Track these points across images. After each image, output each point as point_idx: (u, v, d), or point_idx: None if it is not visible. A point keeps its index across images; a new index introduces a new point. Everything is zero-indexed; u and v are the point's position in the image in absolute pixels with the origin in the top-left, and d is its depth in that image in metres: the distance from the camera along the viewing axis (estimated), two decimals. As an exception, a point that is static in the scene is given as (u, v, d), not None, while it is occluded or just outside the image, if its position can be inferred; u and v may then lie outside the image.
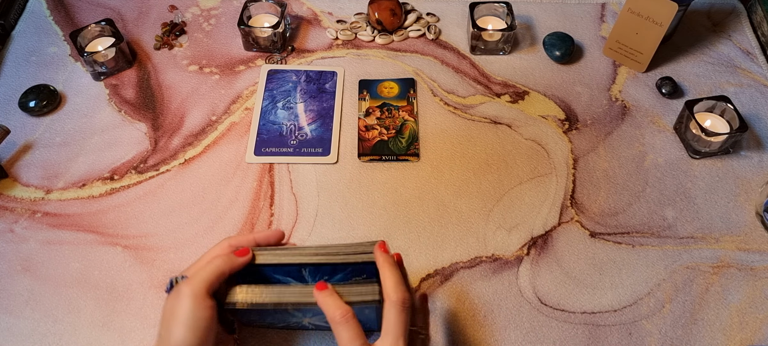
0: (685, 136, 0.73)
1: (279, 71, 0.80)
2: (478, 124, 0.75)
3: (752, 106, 0.77)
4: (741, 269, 0.64)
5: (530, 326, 0.60)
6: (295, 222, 0.66)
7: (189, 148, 0.73)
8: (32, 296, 0.61)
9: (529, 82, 0.80)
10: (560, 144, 0.74)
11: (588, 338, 0.59)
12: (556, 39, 0.82)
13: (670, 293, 0.62)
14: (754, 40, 0.85)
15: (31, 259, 0.63)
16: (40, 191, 0.69)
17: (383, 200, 0.68)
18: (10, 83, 0.78)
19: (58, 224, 0.66)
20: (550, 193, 0.69)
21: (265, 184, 0.70)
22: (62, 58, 0.81)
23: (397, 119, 0.75)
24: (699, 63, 0.82)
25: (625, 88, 0.79)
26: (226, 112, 0.76)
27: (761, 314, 0.61)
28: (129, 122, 0.75)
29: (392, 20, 0.83)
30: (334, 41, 0.85)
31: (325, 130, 0.74)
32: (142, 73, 0.80)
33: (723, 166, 0.72)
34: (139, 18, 0.87)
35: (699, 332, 0.59)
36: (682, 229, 0.67)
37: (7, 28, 0.85)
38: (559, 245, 0.65)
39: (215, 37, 0.85)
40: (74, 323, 0.59)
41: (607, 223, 0.67)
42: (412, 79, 0.80)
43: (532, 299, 0.61)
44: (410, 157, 0.72)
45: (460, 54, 0.83)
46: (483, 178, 0.70)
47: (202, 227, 0.66)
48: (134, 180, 0.70)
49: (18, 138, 0.73)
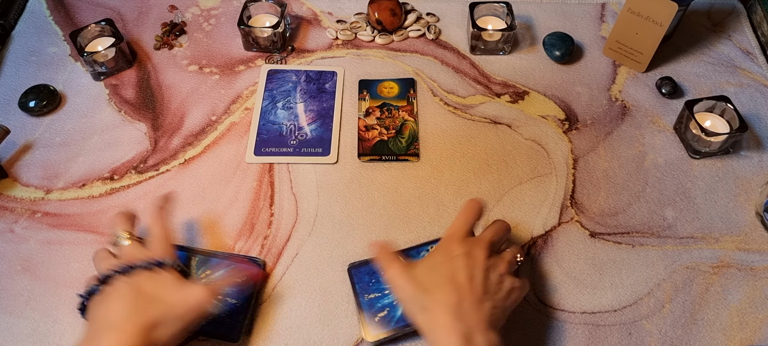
0: (685, 136, 0.73)
1: (279, 71, 0.80)
2: (478, 124, 0.75)
3: (752, 106, 0.77)
4: (741, 269, 0.64)
5: (530, 326, 0.60)
6: (295, 222, 0.66)
7: (189, 148, 0.73)
8: (32, 296, 0.61)
9: (529, 82, 0.80)
10: (560, 144, 0.74)
11: (588, 338, 0.59)
12: (556, 39, 0.82)
13: (670, 293, 0.62)
14: (754, 40, 0.85)
15: (31, 259, 0.63)
16: (40, 191, 0.69)
17: (383, 200, 0.68)
18: (10, 83, 0.78)
19: (58, 224, 0.66)
20: (550, 193, 0.69)
21: (265, 184, 0.70)
22: (62, 58, 0.82)
23: (397, 119, 0.75)
24: (699, 63, 0.82)
25: (625, 88, 0.79)
26: (226, 112, 0.76)
27: (761, 314, 0.61)
28: (129, 122, 0.75)
29: (392, 20, 0.83)
30: (334, 41, 0.85)
31: (325, 130, 0.74)
32: (142, 73, 0.80)
33: (723, 166, 0.72)
34: (139, 18, 0.87)
35: (699, 332, 0.59)
36: (682, 229, 0.67)
37: (7, 28, 0.85)
38: (559, 245, 0.65)
39: (215, 37, 0.85)
40: (74, 323, 0.59)
41: (607, 223, 0.67)
42: (412, 79, 0.80)
43: (532, 299, 0.61)
44: (410, 157, 0.72)
45: (460, 54, 0.83)
46: (483, 178, 0.70)
47: (203, 227, 0.66)
48: (134, 180, 0.70)
49: (18, 138, 0.73)
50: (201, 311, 0.51)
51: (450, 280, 0.51)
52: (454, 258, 0.52)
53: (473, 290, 0.50)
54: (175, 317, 0.49)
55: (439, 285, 0.51)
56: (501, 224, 0.57)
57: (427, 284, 0.51)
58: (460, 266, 0.51)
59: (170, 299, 0.50)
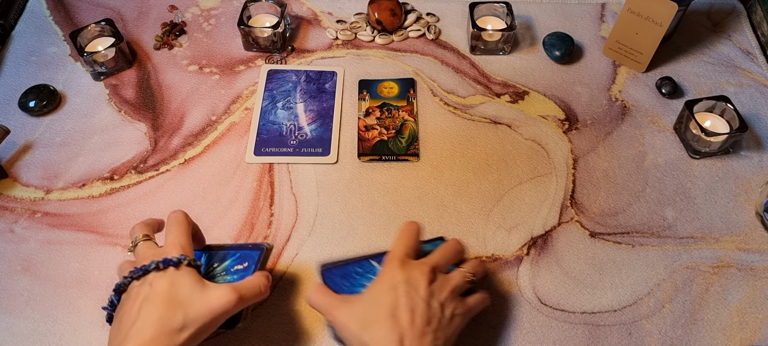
0: (685, 136, 0.73)
1: (279, 71, 0.80)
2: (478, 124, 0.75)
3: (752, 106, 0.77)
4: (741, 269, 0.64)
5: (530, 326, 0.60)
6: (295, 222, 0.66)
7: (189, 148, 0.73)
8: (32, 296, 0.61)
9: (529, 82, 0.80)
10: (560, 144, 0.74)
11: (588, 338, 0.59)
12: (556, 39, 0.82)
13: (670, 293, 0.62)
14: (754, 40, 0.85)
15: (31, 259, 0.63)
16: (40, 191, 0.69)
17: (383, 200, 0.68)
18: (10, 83, 0.78)
19: (58, 224, 0.66)
20: (550, 193, 0.69)
21: (264, 184, 0.70)
22: (62, 58, 0.82)
23: (397, 119, 0.75)
24: (699, 63, 0.82)
25: (625, 88, 0.79)
26: (226, 112, 0.76)
27: (761, 314, 0.61)
28: (129, 122, 0.75)
29: (392, 20, 0.83)
30: (334, 41, 0.85)
31: (325, 130, 0.74)
32: (142, 73, 0.80)
33: (723, 166, 0.72)
34: (139, 18, 0.87)
35: (699, 332, 0.59)
36: (682, 229, 0.67)
37: (7, 28, 0.85)
38: (559, 245, 0.65)
39: (215, 37, 0.85)
40: (74, 323, 0.59)
41: (607, 223, 0.67)
42: (412, 79, 0.80)
43: (532, 299, 0.61)
44: (410, 157, 0.72)
45: (460, 54, 0.83)
46: (483, 178, 0.70)
47: (203, 227, 0.66)
48: (134, 180, 0.70)
49: (18, 138, 0.73)
50: (226, 314, 0.49)
51: (391, 315, 0.49)
52: (396, 286, 0.50)
53: (414, 325, 0.48)
54: (199, 322, 0.47)
55: (380, 321, 0.49)
56: (451, 245, 0.56)
57: (368, 321, 0.49)
58: (401, 297, 0.50)
59: (193, 305, 0.48)
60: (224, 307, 0.49)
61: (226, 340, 0.58)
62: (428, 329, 0.49)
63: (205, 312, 0.48)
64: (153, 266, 0.49)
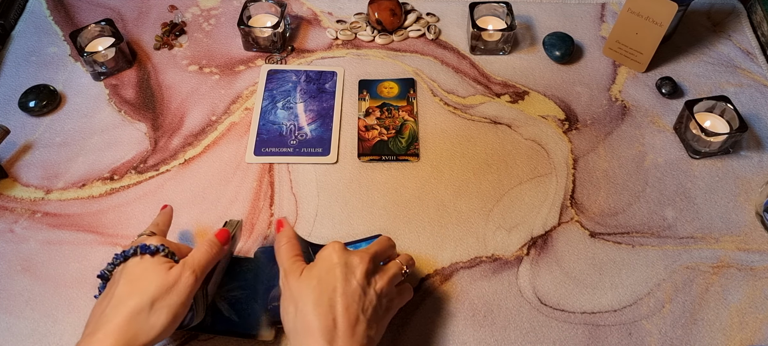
0: (685, 136, 0.73)
1: (279, 71, 0.80)
2: (478, 124, 0.75)
3: (752, 106, 0.77)
4: (741, 269, 0.64)
5: (530, 326, 0.60)
6: (295, 222, 0.66)
7: (189, 148, 0.73)
8: (32, 296, 0.61)
9: (529, 82, 0.80)
10: (560, 144, 0.74)
11: (588, 338, 0.59)
12: (556, 39, 0.82)
13: (670, 293, 0.62)
14: (754, 40, 0.85)
15: (31, 259, 0.63)
16: (40, 191, 0.69)
17: (383, 200, 0.68)
18: (10, 83, 0.78)
19: (58, 224, 0.66)
20: (550, 193, 0.69)
21: (264, 184, 0.70)
22: (62, 58, 0.82)
23: (397, 119, 0.75)
24: (699, 63, 0.82)
25: (625, 88, 0.79)
26: (226, 112, 0.76)
27: (761, 314, 0.61)
28: (129, 122, 0.75)
29: (392, 20, 0.84)
30: (334, 41, 0.85)
31: (324, 130, 0.74)
32: (142, 73, 0.80)
33: (723, 166, 0.72)
34: (139, 18, 0.87)
35: (699, 332, 0.59)
36: (682, 229, 0.67)
37: (7, 28, 0.85)
38: (559, 245, 0.65)
39: (215, 37, 0.85)
40: (74, 323, 0.59)
41: (607, 223, 0.67)
42: (412, 79, 0.80)
43: (532, 299, 0.61)
44: (410, 157, 0.72)
45: (460, 54, 0.83)
46: (483, 178, 0.70)
47: (203, 227, 0.66)
48: (134, 180, 0.70)
49: (18, 138, 0.73)
50: (184, 287, 0.50)
51: (328, 301, 0.49)
52: (333, 267, 0.51)
53: (349, 314, 0.48)
54: (158, 300, 0.48)
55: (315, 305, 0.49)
56: (384, 240, 0.56)
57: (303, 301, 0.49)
58: (337, 281, 0.50)
59: (153, 284, 0.49)
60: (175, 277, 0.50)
61: (227, 340, 0.58)
62: (362, 317, 0.49)
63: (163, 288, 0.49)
64: (131, 252, 0.51)
